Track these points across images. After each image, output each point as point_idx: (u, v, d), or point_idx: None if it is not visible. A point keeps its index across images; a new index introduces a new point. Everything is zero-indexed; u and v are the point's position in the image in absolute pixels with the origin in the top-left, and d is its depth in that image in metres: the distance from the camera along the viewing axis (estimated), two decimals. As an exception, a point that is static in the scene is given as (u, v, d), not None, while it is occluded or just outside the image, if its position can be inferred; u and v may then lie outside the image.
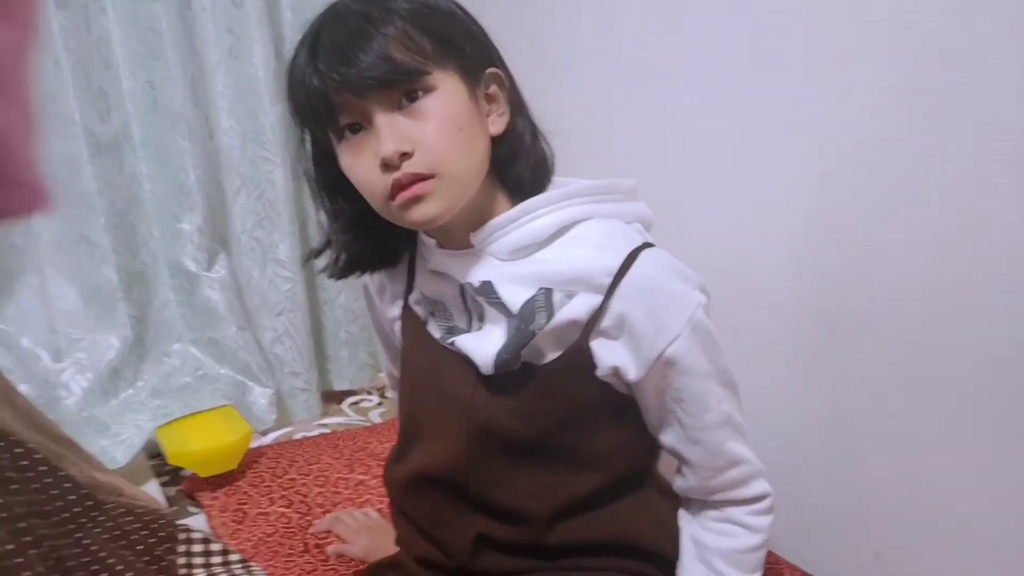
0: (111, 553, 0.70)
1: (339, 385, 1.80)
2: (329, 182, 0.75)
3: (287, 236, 1.59)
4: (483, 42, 0.73)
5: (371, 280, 0.88)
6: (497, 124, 0.72)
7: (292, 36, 1.54)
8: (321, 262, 0.80)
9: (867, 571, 0.96)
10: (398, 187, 0.66)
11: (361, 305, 1.81)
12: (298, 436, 1.57)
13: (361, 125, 0.67)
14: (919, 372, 0.86)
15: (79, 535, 0.68)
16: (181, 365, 1.54)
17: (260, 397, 1.57)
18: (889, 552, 0.94)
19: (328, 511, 1.24)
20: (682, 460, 0.76)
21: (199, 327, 1.56)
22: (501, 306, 0.71)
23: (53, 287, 1.40)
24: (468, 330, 0.76)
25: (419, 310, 0.80)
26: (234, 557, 0.86)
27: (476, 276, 0.72)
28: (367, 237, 0.77)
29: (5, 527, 0.56)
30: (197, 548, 0.87)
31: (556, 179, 0.76)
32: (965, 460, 0.84)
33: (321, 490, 1.32)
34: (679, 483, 0.78)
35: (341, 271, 0.79)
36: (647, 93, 1.14)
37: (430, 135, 0.66)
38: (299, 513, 1.26)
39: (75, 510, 0.69)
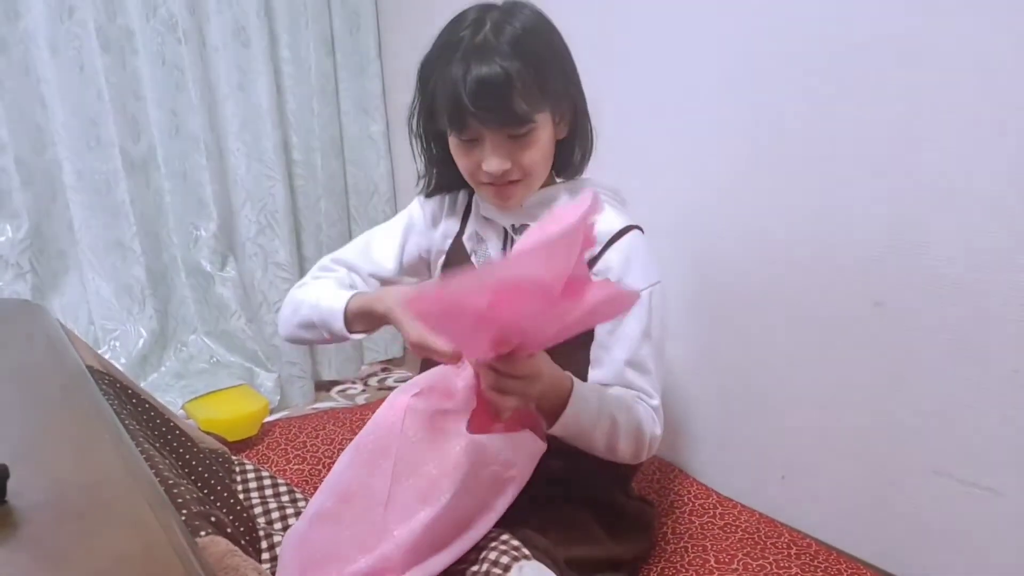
0: (203, 472, 0.96)
1: (327, 375, 2.05)
2: (429, 135, 0.99)
3: (286, 243, 1.85)
4: (573, 80, 0.94)
5: (423, 209, 1.09)
6: (562, 130, 0.96)
7: (290, 71, 1.82)
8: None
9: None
10: (491, 183, 0.91)
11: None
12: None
13: (475, 138, 0.91)
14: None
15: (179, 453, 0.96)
16: (197, 353, 1.77)
17: (266, 380, 1.81)
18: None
19: (334, 460, 1.49)
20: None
21: (212, 320, 1.79)
22: None
23: (91, 285, 1.62)
24: None
25: (468, 244, 1.05)
26: (279, 482, 1.14)
27: (519, 221, 0.98)
28: (449, 170, 1.01)
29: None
30: (251, 476, 1.15)
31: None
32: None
33: (327, 448, 1.56)
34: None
35: (432, 191, 1.05)
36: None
37: (525, 158, 0.91)
38: (310, 464, 1.50)
39: (173, 442, 0.96)
